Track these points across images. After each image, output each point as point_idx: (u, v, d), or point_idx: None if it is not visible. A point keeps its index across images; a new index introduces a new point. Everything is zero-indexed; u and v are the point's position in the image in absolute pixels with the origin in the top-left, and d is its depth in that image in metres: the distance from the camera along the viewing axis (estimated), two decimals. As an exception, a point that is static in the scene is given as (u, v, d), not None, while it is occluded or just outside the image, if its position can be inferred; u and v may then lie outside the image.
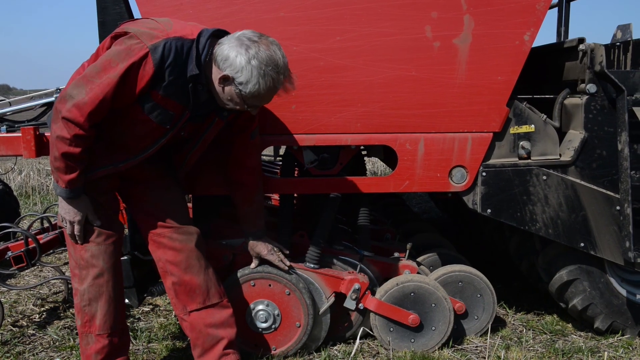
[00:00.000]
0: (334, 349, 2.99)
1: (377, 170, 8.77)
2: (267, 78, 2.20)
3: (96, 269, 2.39)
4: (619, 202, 2.91)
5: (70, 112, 2.14)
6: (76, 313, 2.44)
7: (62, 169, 2.22)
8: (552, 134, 2.95)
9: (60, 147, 2.18)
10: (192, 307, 2.53)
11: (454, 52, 2.77)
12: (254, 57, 2.18)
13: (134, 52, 2.14)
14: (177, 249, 2.51)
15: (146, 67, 2.16)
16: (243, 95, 2.25)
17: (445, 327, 2.95)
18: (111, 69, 2.15)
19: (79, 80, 2.18)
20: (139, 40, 2.15)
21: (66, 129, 2.15)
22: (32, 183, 7.93)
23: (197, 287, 2.52)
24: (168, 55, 2.17)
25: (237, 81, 2.21)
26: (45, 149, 3.28)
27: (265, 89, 2.23)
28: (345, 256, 3.06)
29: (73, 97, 2.15)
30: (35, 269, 4.32)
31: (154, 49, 2.15)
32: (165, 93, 2.24)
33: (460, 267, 3.14)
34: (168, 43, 2.17)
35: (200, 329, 2.53)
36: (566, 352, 2.98)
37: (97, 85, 2.14)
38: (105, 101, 2.15)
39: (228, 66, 2.20)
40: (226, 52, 2.20)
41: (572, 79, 3.05)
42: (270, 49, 2.22)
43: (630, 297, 3.11)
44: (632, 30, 3.22)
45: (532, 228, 2.95)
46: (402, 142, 2.87)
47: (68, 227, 2.36)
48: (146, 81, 2.18)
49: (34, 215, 4.66)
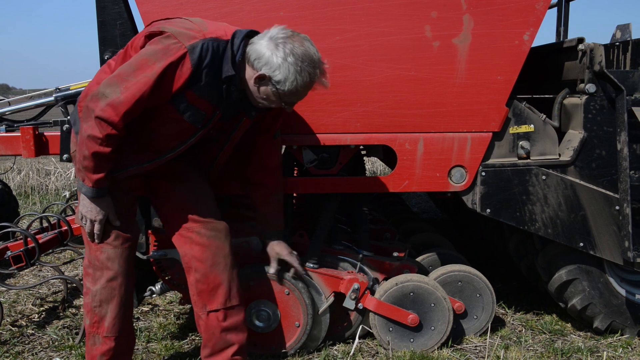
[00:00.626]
0: (333, 348, 2.99)
1: (377, 170, 8.77)
2: (304, 74, 2.20)
3: (111, 272, 2.38)
4: (618, 202, 2.92)
5: (104, 111, 2.12)
6: (85, 312, 2.43)
7: (90, 168, 2.21)
8: (551, 133, 2.95)
9: (91, 146, 2.16)
10: (212, 307, 2.50)
11: (453, 52, 2.77)
12: (290, 54, 2.17)
13: (172, 52, 2.14)
14: (204, 245, 2.48)
15: (184, 68, 2.16)
16: (280, 93, 2.24)
17: (444, 326, 2.95)
18: (148, 68, 2.13)
19: (112, 79, 2.16)
20: (177, 40, 2.15)
21: (99, 128, 2.14)
22: (31, 183, 7.92)
23: (220, 286, 2.49)
24: (205, 55, 2.17)
25: (274, 80, 2.21)
26: (44, 149, 3.29)
27: (303, 85, 2.23)
28: (344, 256, 3.06)
29: (107, 96, 2.13)
30: (34, 269, 4.31)
31: (192, 49, 2.14)
32: (200, 93, 2.24)
33: (460, 266, 3.14)
34: (205, 44, 2.17)
35: (214, 330, 2.51)
36: (565, 351, 2.99)
37: (133, 84, 2.12)
38: (141, 100, 2.14)
39: (263, 65, 2.20)
40: (260, 51, 2.20)
41: (572, 79, 3.05)
42: (304, 44, 2.22)
43: (629, 296, 3.11)
44: (631, 30, 3.22)
45: (531, 228, 2.95)
46: (402, 142, 2.87)
47: (88, 225, 2.34)
48: (183, 81, 2.17)
49: (33, 215, 4.66)
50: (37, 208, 6.58)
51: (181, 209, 2.52)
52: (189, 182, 2.56)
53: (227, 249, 2.52)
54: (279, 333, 2.89)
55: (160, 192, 2.57)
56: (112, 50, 2.80)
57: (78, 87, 3.97)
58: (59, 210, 4.92)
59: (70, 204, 4.48)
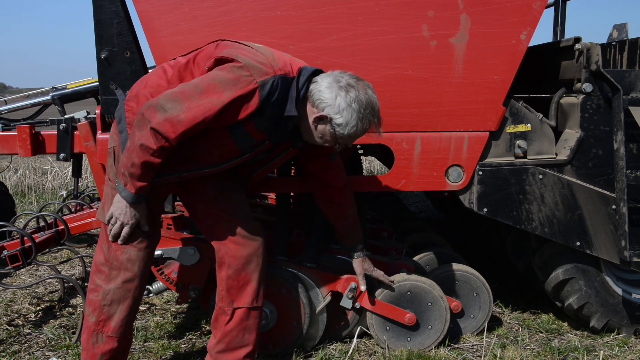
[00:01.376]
0: (330, 347, 2.99)
1: (374, 169, 8.78)
2: (365, 121, 2.27)
3: (129, 274, 2.38)
4: (614, 201, 2.92)
5: (161, 125, 2.12)
6: (91, 309, 2.42)
7: (136, 175, 2.20)
8: (548, 133, 2.95)
9: (142, 155, 2.16)
10: (239, 304, 2.50)
11: (450, 51, 2.77)
12: (355, 101, 2.22)
13: (242, 84, 2.14)
14: (240, 243, 2.49)
15: (251, 102, 2.17)
16: (338, 135, 2.29)
17: (441, 326, 2.95)
18: (215, 94, 2.14)
19: (174, 95, 2.16)
20: (250, 73, 2.15)
21: (154, 139, 2.13)
22: (27, 182, 7.91)
23: (249, 284, 2.50)
24: (274, 93, 2.19)
25: (335, 122, 2.25)
26: (41, 148, 3.29)
27: (362, 131, 2.30)
28: (341, 255, 3.06)
29: (166, 111, 2.12)
30: (30, 268, 4.31)
31: (262, 85, 2.16)
32: (258, 126, 2.26)
33: (457, 266, 3.14)
34: (276, 81, 2.19)
35: (234, 327, 2.51)
36: (562, 350, 2.99)
37: (197, 107, 2.13)
38: (202, 124, 2.15)
39: (326, 106, 2.24)
40: (324, 92, 2.24)
41: (568, 78, 3.05)
42: (368, 93, 2.27)
43: (625, 296, 3.12)
44: (628, 29, 3.23)
45: (528, 227, 2.96)
46: (399, 141, 2.87)
47: (116, 226, 2.33)
48: (247, 114, 2.19)
49: (29, 214, 4.66)
50: (33, 207, 6.57)
51: (217, 208, 2.53)
52: (224, 181, 2.57)
53: (260, 249, 2.53)
54: (276, 332, 2.89)
55: (193, 191, 2.57)
56: (108, 49, 2.79)
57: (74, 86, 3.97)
58: (56, 209, 4.92)
59: (67, 203, 4.46)
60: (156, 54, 2.72)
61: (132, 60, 2.83)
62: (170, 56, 2.55)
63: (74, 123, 3.35)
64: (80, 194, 4.99)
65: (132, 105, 2.36)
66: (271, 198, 4.38)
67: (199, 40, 2.55)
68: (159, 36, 2.70)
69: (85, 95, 4.16)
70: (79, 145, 3.35)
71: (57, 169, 8.41)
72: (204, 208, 2.56)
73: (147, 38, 2.72)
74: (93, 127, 3.06)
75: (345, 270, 2.99)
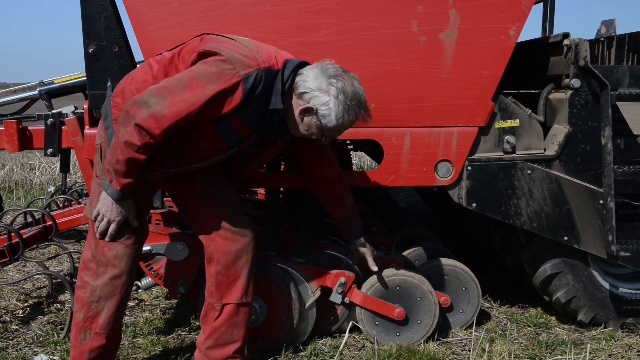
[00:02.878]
0: (320, 342, 3.00)
1: (364, 164, 8.79)
2: (351, 112, 2.26)
3: (116, 270, 2.37)
4: (602, 196, 2.94)
5: (145, 121, 2.10)
6: (79, 305, 2.41)
7: (121, 172, 2.19)
8: (536, 128, 2.97)
9: (126, 152, 2.14)
10: (228, 300, 2.49)
11: (439, 47, 2.77)
12: (341, 92, 2.22)
13: (225, 78, 2.13)
14: (229, 239, 2.48)
15: (234, 95, 2.16)
16: (324, 127, 2.28)
17: (430, 320, 2.96)
18: (198, 89, 2.12)
19: (158, 90, 2.15)
20: (233, 66, 2.14)
21: (138, 136, 2.12)
22: (15, 177, 7.84)
23: (239, 280, 2.49)
24: (258, 86, 2.18)
25: (320, 113, 2.24)
26: (28, 143, 3.26)
27: (348, 123, 2.29)
28: (331, 250, 3.07)
29: (150, 106, 2.11)
30: (18, 264, 4.28)
31: (246, 78, 2.14)
32: (244, 119, 2.25)
33: (446, 260, 3.15)
34: (260, 74, 2.17)
35: (223, 323, 2.50)
36: (550, 344, 3.01)
37: (181, 102, 2.11)
38: (186, 118, 2.14)
39: (312, 98, 2.23)
40: (310, 84, 2.23)
41: (557, 74, 3.07)
42: (354, 84, 2.27)
43: (613, 290, 3.15)
44: (616, 25, 3.24)
45: (516, 222, 2.97)
46: (388, 137, 2.88)
47: (103, 223, 2.31)
48: (231, 108, 2.18)
49: (17, 210, 4.62)
50: (21, 203, 6.52)
51: (206, 203, 2.52)
52: (213, 177, 2.56)
53: (250, 245, 2.52)
54: (266, 327, 2.88)
55: (183, 186, 2.55)
56: (96, 44, 2.77)
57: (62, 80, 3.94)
58: (44, 205, 4.88)
59: (55, 199, 4.44)
60: (144, 49, 2.70)
61: (120, 54, 2.81)
62: (158, 51, 2.53)
63: (62, 118, 3.32)
64: (69, 189, 4.96)
65: (119, 101, 2.34)
66: (261, 193, 4.37)
67: (187, 35, 2.53)
68: (147, 30, 2.69)
69: (72, 90, 4.13)
70: (66, 140, 3.32)
71: (45, 164, 8.35)
72: (193, 204, 2.55)
73: (136, 32, 2.70)
74: (81, 122, 3.04)
75: (334, 265, 2.99)
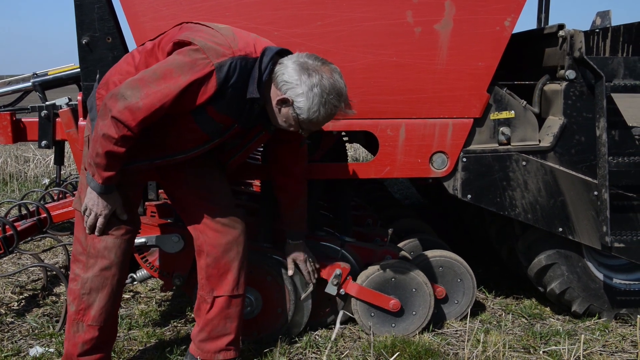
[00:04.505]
0: (315, 334, 3.01)
1: (359, 156, 8.78)
2: (328, 106, 2.21)
3: (106, 261, 2.36)
4: (596, 188, 2.95)
5: (122, 113, 2.09)
6: (71, 298, 2.40)
7: (102, 165, 2.18)
8: (531, 119, 2.97)
9: (105, 145, 2.13)
10: (219, 293, 2.49)
11: (435, 38, 2.77)
12: (317, 85, 2.17)
13: (198, 68, 2.11)
14: (219, 231, 2.47)
15: (208, 85, 2.13)
16: (300, 120, 2.24)
17: (425, 311, 2.97)
18: (172, 80, 2.10)
19: (134, 82, 2.13)
20: (206, 56, 2.11)
21: (115, 128, 2.11)
22: (9, 170, 7.80)
23: (229, 272, 2.48)
24: (232, 75, 2.14)
25: (296, 105, 2.20)
26: (22, 135, 3.25)
27: (325, 117, 2.24)
28: (326, 242, 3.07)
29: (126, 98, 2.10)
30: (13, 257, 4.26)
31: (219, 67, 2.12)
32: (221, 109, 2.23)
33: (441, 252, 3.16)
34: (234, 63, 2.14)
35: (215, 316, 2.50)
36: (544, 335, 3.03)
37: (155, 93, 2.10)
38: (160, 110, 2.12)
39: (289, 89, 2.19)
40: (287, 75, 2.19)
41: (552, 65, 3.07)
42: (333, 76, 2.21)
43: (606, 281, 3.16)
44: (611, 17, 3.24)
45: (511, 213, 2.98)
46: (383, 128, 2.87)
47: (91, 218, 2.30)
48: (206, 98, 2.16)
49: (11, 202, 4.61)
50: (15, 195, 6.49)
51: (196, 196, 2.51)
52: (203, 168, 2.55)
53: (241, 237, 2.51)
54: (261, 319, 2.89)
55: (173, 178, 2.55)
56: (90, 35, 2.75)
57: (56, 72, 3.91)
58: (38, 197, 4.87)
59: (49, 191, 4.42)
60: (138, 40, 2.68)
61: (114, 45, 2.79)
62: (152, 42, 2.51)
63: (56, 110, 3.31)
64: (63, 181, 4.94)
65: (103, 92, 2.33)
66: (256, 185, 4.37)
67: (181, 26, 2.51)
68: (141, 21, 2.67)
69: (66, 81, 4.10)
70: (61, 132, 3.31)
71: (39, 156, 8.31)
72: (183, 195, 2.54)
73: (129, 23, 2.68)
74: (75, 114, 3.02)
75: (330, 257, 3.00)
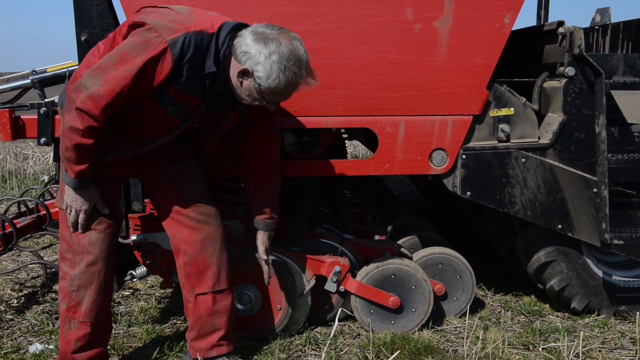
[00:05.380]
0: (314, 331, 3.01)
1: (358, 153, 8.78)
2: (288, 73, 2.16)
3: (91, 257, 2.35)
4: (596, 185, 2.95)
5: (84, 103, 2.09)
6: (62, 296, 2.41)
7: (73, 159, 2.17)
8: (531, 117, 2.97)
9: (72, 138, 2.13)
10: (201, 290, 2.49)
11: (434, 35, 2.76)
12: (275, 52, 2.13)
13: (152, 46, 2.09)
14: (194, 228, 2.46)
15: (164, 63, 2.11)
16: (262, 91, 2.20)
17: (425, 308, 2.97)
18: (128, 62, 2.09)
19: (94, 70, 2.13)
20: (158, 33, 2.09)
21: (80, 120, 2.10)
22: (9, 167, 7.79)
23: (209, 269, 2.48)
24: (187, 51, 2.12)
25: (256, 75, 2.17)
26: (21, 132, 3.24)
27: (286, 85, 2.19)
28: (326, 239, 3.07)
29: (88, 88, 2.09)
30: (12, 254, 4.26)
31: (172, 44, 2.10)
32: (182, 89, 2.21)
33: (440, 249, 3.16)
34: (187, 38, 2.11)
35: (202, 314, 2.50)
36: (543, 332, 3.03)
37: (113, 78, 2.09)
38: (121, 94, 2.11)
39: (247, 59, 2.16)
40: (246, 45, 2.16)
41: (552, 62, 3.06)
42: (292, 43, 2.17)
43: (606, 277, 3.16)
44: (610, 13, 3.24)
45: (511, 210, 2.98)
46: (383, 125, 2.87)
47: (72, 215, 2.30)
48: (164, 76, 2.14)
49: (10, 200, 4.60)
50: (14, 192, 6.49)
51: (170, 192, 2.49)
52: (179, 163, 2.53)
53: (216, 233, 2.50)
54: (261, 316, 2.89)
55: (149, 173, 2.54)
56: (88, 32, 2.75)
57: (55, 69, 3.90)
58: (37, 194, 4.86)
59: (49, 188, 4.42)
60: (137, 37, 2.68)
61: (113, 42, 2.78)
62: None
63: (55, 107, 3.30)
64: (62, 179, 4.93)
65: (71, 87, 2.33)
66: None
67: (181, 23, 2.51)
68: (140, 18, 2.66)
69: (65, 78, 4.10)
70: (60, 129, 3.31)
71: (39, 153, 8.30)
72: (158, 192, 2.53)
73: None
74: (74, 111, 3.01)
75: (329, 254, 2.99)
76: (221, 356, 2.54)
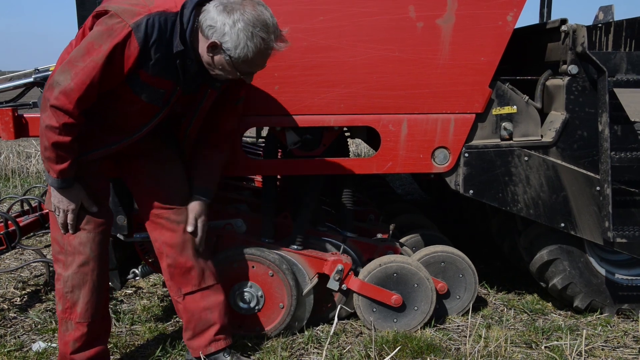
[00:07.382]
0: (317, 329, 3.01)
1: (361, 151, 8.78)
2: (256, 39, 2.11)
3: (82, 257, 2.34)
4: (599, 183, 2.94)
5: (57, 99, 2.08)
6: (57, 298, 2.40)
7: (52, 158, 2.16)
8: (534, 115, 2.96)
9: (49, 136, 2.11)
10: (187, 290, 2.50)
11: (437, 33, 2.76)
12: (239, 20, 2.08)
13: (116, 33, 2.07)
14: (174, 230, 2.47)
15: (131, 47, 2.09)
16: (234, 62, 2.16)
17: (427, 307, 2.97)
18: (94, 52, 2.08)
19: (64, 66, 2.12)
20: (121, 19, 2.07)
21: (55, 117, 2.09)
22: (11, 165, 7.81)
23: (192, 269, 2.48)
24: (151, 32, 2.09)
25: (224, 47, 2.12)
26: (24, 131, 3.25)
27: (255, 52, 2.14)
28: (328, 237, 3.07)
29: (60, 84, 2.08)
30: (15, 252, 4.27)
31: (136, 27, 2.07)
32: (153, 72, 2.18)
33: (443, 247, 3.16)
34: (150, 19, 2.09)
35: (193, 312, 2.51)
36: (546, 330, 3.03)
37: (82, 70, 2.08)
38: (92, 86, 2.09)
39: (213, 32, 2.12)
40: (210, 19, 2.12)
41: (554, 60, 3.06)
42: (257, 9, 2.12)
43: (608, 276, 3.16)
44: (613, 11, 3.23)
45: (513, 209, 2.97)
46: (385, 123, 2.87)
47: (61, 216, 2.30)
48: (132, 61, 2.12)
49: (13, 198, 4.61)
50: (17, 191, 6.50)
51: (151, 194, 2.49)
52: (159, 163, 2.52)
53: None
54: (263, 314, 2.89)
55: (132, 174, 2.53)
56: (91, 30, 2.75)
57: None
58: (40, 193, 4.87)
59: (52, 187, 4.41)
60: (140, 35, 2.68)
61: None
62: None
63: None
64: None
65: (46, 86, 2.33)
66: (258, 180, 4.37)
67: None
68: (142, 17, 2.66)
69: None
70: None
71: (41, 152, 8.31)
72: (142, 194, 2.53)
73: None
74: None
75: (332, 252, 2.99)
76: (220, 351, 2.54)
